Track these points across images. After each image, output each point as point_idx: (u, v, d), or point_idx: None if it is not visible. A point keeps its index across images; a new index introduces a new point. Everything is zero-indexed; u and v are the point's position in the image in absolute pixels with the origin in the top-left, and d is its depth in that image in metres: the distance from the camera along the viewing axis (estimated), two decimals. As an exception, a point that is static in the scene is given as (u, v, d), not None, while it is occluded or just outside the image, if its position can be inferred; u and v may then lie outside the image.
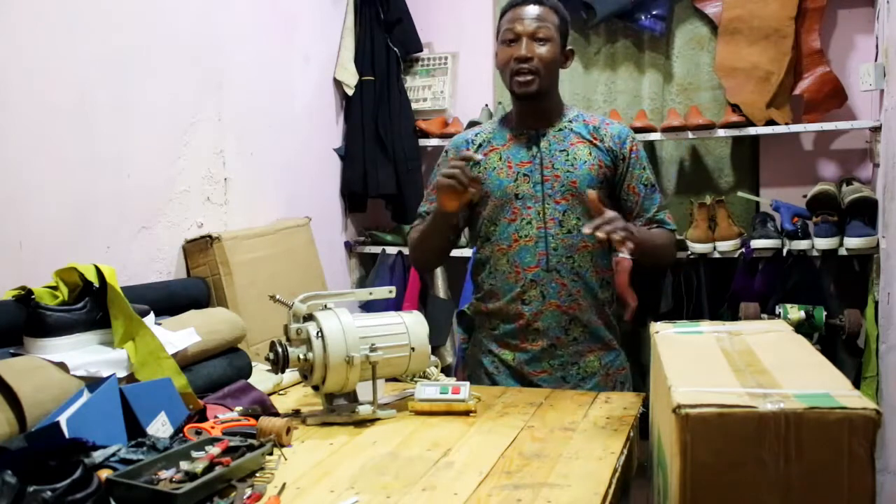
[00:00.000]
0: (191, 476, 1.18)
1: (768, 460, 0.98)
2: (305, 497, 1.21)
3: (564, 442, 1.44)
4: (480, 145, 1.98)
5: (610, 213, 1.71)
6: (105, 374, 1.44)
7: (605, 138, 1.94)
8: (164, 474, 1.18)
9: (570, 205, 1.90)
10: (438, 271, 3.26)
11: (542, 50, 1.87)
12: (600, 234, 1.67)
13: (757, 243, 2.80)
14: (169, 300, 1.94)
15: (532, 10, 1.89)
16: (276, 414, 1.59)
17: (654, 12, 3.04)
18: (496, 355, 1.97)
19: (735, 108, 2.92)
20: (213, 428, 1.41)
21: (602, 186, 1.92)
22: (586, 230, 1.70)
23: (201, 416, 1.49)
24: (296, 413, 1.64)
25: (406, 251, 3.26)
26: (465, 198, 1.79)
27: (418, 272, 3.20)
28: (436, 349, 3.10)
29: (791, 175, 3.02)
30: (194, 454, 1.24)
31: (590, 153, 1.92)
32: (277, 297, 1.60)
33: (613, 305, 2.01)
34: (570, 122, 1.96)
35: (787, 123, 2.87)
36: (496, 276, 1.95)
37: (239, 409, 1.55)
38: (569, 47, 1.96)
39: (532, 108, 1.94)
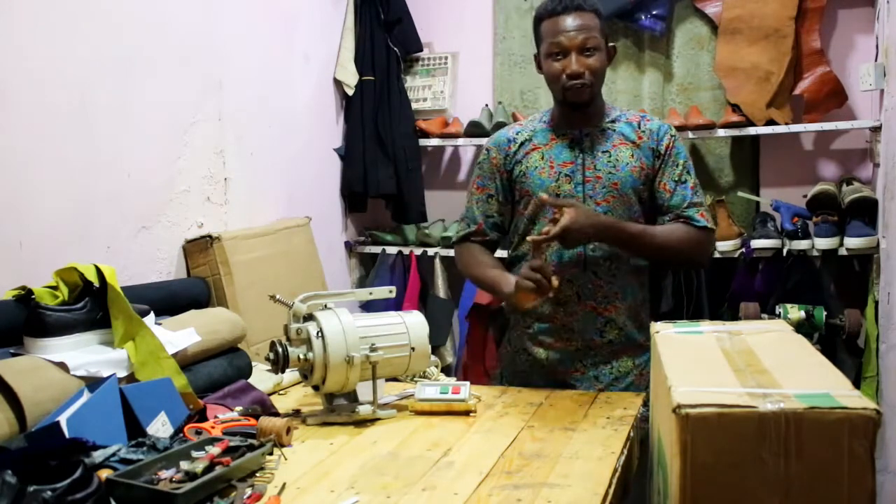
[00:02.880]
0: (191, 476, 1.18)
1: (768, 460, 0.98)
2: (305, 497, 1.21)
3: (564, 442, 1.44)
4: (522, 143, 1.96)
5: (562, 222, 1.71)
6: (105, 374, 1.44)
7: (645, 135, 1.91)
8: (164, 474, 1.18)
9: (610, 206, 1.87)
10: (438, 271, 3.26)
11: (591, 61, 1.83)
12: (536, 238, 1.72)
13: (757, 243, 2.80)
14: (169, 300, 1.94)
15: (575, 19, 1.82)
16: (276, 414, 1.59)
17: (654, 12, 3.04)
18: (530, 354, 1.95)
19: (735, 107, 2.92)
20: (213, 428, 1.41)
21: (645, 187, 1.90)
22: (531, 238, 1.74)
23: (201, 416, 1.49)
24: (296, 413, 1.64)
25: (406, 251, 3.27)
26: (542, 297, 1.77)
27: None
28: (436, 349, 3.10)
29: (791, 175, 3.02)
30: (194, 454, 1.24)
31: (632, 155, 1.89)
32: (277, 297, 1.60)
33: (648, 306, 1.99)
34: (613, 122, 1.93)
35: (787, 123, 2.87)
36: None
37: (239, 409, 1.55)
38: (611, 44, 1.92)
39: (577, 111, 1.91)
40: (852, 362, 2.71)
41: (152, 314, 1.69)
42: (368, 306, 3.00)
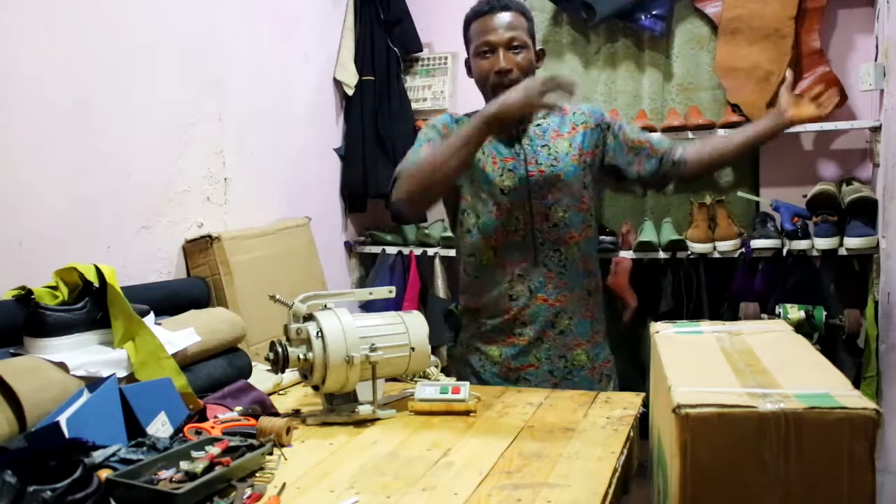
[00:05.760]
0: (191, 476, 1.18)
1: (768, 460, 0.98)
2: (305, 497, 1.21)
3: (564, 442, 1.44)
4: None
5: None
6: (105, 374, 1.44)
7: (581, 121, 1.96)
8: (164, 474, 1.18)
9: (556, 199, 1.91)
10: (438, 271, 3.26)
11: (519, 58, 1.87)
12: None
13: (757, 243, 2.80)
14: (169, 300, 1.94)
15: (503, 17, 1.87)
16: (276, 414, 1.59)
17: (654, 12, 3.04)
18: (483, 352, 1.98)
19: (735, 108, 2.92)
20: (213, 428, 1.41)
21: (586, 171, 1.94)
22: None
23: (201, 416, 1.49)
24: (296, 413, 1.64)
25: (406, 251, 3.27)
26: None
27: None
28: (436, 349, 3.10)
29: (791, 175, 3.03)
30: (194, 454, 1.24)
31: (570, 144, 1.94)
32: (277, 297, 1.60)
33: (600, 295, 2.02)
34: (544, 117, 1.97)
35: (787, 123, 2.86)
36: (483, 270, 1.95)
37: (239, 409, 1.55)
38: (539, 47, 1.97)
39: None
40: (852, 362, 2.71)
41: (152, 314, 1.69)
42: (368, 306, 3.00)
